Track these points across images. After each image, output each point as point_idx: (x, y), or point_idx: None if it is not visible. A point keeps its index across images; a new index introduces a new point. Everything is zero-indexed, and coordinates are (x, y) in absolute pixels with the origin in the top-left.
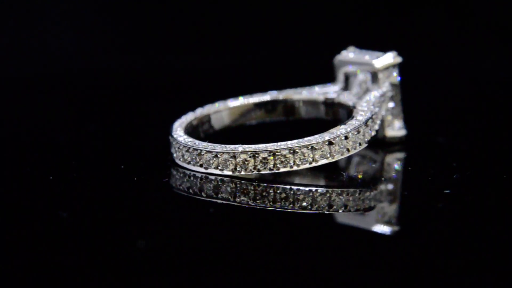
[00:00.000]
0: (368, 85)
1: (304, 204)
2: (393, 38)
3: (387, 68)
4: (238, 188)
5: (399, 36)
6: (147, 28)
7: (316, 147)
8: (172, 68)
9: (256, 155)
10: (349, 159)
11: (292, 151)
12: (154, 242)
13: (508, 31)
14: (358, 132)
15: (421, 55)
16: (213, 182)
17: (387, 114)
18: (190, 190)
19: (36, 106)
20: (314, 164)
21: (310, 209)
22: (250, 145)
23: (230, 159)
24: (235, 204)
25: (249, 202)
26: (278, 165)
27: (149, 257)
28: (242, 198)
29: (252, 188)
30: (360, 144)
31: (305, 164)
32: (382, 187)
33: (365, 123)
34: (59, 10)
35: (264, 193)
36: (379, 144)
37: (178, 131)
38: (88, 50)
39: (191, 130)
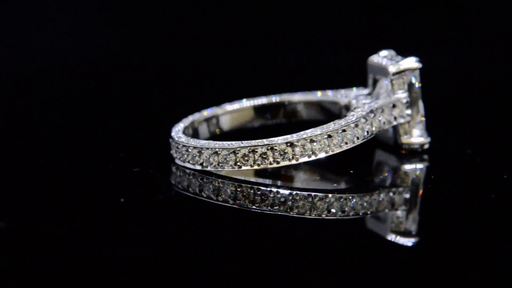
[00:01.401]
0: (386, 90)
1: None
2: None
3: (402, 73)
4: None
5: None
6: (153, 28)
7: (276, 148)
8: (189, 67)
9: (218, 152)
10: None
11: (251, 151)
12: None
13: None
14: (330, 136)
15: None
16: (186, 176)
17: (401, 120)
18: (173, 182)
19: (38, 106)
20: (275, 165)
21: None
22: (217, 142)
23: (197, 154)
24: (201, 199)
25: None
26: (238, 163)
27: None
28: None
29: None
30: (332, 149)
31: (265, 164)
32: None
33: (342, 128)
34: (62, 9)
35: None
36: (393, 151)
37: (177, 128)
38: (92, 51)
39: (192, 131)
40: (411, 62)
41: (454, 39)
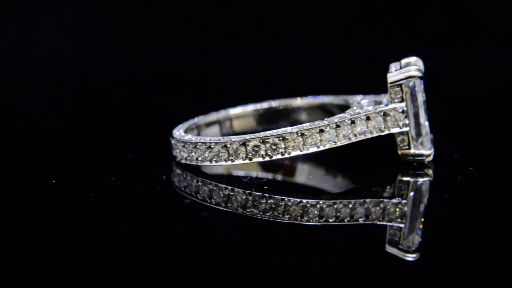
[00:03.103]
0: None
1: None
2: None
3: (400, 81)
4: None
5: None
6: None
7: (229, 146)
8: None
9: (186, 145)
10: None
11: (208, 147)
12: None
13: None
14: (284, 139)
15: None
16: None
17: (396, 130)
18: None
19: (44, 106)
20: (230, 163)
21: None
22: (192, 137)
23: (177, 146)
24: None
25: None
26: (200, 158)
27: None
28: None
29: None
30: (288, 152)
31: (221, 161)
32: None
33: (301, 132)
34: (66, 8)
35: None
36: (390, 161)
37: (180, 126)
38: (99, 51)
39: (197, 133)
40: (409, 71)
41: (463, 41)
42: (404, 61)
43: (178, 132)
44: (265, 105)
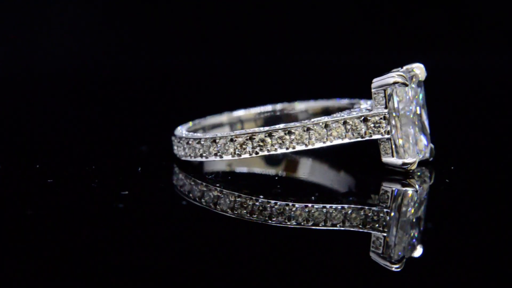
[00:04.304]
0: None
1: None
2: None
3: (383, 87)
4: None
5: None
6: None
7: (203, 143)
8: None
9: (175, 140)
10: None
11: (187, 142)
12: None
13: None
14: (251, 138)
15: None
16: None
17: (377, 136)
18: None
19: (48, 106)
20: (204, 159)
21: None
22: (183, 132)
23: (176, 142)
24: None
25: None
26: (182, 153)
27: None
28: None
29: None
30: (255, 152)
31: (197, 157)
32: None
33: (269, 132)
34: (68, 11)
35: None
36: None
37: (183, 125)
38: (103, 51)
39: (202, 131)
40: (392, 77)
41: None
42: (405, 67)
43: (178, 129)
44: (268, 108)
